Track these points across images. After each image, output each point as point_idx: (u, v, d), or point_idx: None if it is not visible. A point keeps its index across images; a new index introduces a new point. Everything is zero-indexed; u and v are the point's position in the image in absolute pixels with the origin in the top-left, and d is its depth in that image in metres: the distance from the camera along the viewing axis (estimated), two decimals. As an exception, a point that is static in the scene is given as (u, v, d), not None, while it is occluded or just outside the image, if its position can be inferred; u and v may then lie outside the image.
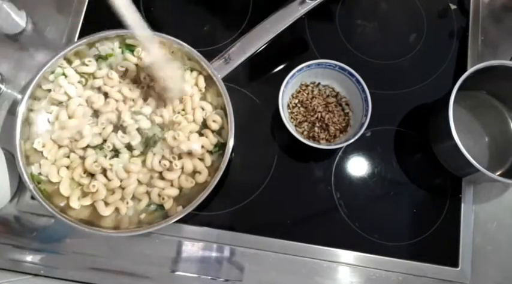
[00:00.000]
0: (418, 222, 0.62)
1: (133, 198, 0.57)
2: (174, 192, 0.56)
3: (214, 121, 0.58)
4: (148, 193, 0.56)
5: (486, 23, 0.72)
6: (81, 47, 0.58)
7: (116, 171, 0.56)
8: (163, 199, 0.56)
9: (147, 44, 0.54)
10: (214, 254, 0.59)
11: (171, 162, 0.56)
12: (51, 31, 0.68)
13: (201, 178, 0.56)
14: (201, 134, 0.58)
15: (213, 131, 0.59)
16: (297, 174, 0.63)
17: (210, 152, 0.58)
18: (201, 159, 0.57)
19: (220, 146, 0.58)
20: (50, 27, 0.68)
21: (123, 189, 0.56)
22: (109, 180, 0.56)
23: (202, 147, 0.57)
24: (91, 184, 0.54)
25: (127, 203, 0.55)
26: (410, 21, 0.72)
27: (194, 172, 0.57)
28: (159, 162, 0.56)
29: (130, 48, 0.61)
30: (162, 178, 0.57)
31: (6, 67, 0.65)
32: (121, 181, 0.56)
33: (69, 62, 0.59)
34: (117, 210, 0.56)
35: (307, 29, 0.70)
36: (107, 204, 0.55)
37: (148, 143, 0.58)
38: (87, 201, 0.55)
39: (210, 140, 0.58)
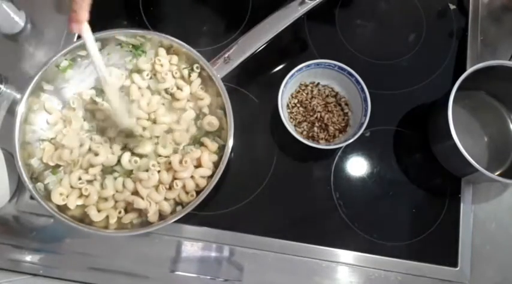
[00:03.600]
0: (417, 222, 0.62)
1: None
2: (168, 208, 0.55)
3: (209, 123, 0.58)
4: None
5: (485, 23, 0.72)
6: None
7: (113, 181, 0.56)
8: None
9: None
10: (213, 254, 0.59)
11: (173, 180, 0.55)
12: (51, 31, 0.68)
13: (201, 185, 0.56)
14: (201, 143, 0.58)
15: (209, 132, 0.59)
16: (296, 174, 0.63)
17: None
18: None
19: (221, 148, 0.58)
20: (49, 27, 0.68)
21: (116, 201, 0.56)
22: (103, 188, 0.55)
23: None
24: (84, 187, 0.54)
25: (119, 213, 0.55)
26: (409, 21, 0.73)
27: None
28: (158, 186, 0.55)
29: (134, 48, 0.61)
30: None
31: (6, 67, 0.65)
32: (116, 192, 0.55)
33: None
34: (107, 217, 0.55)
35: (306, 29, 0.70)
36: (98, 210, 0.55)
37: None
38: (80, 202, 0.55)
39: (210, 148, 0.57)
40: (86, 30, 0.49)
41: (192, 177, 0.55)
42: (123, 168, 0.57)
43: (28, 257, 0.59)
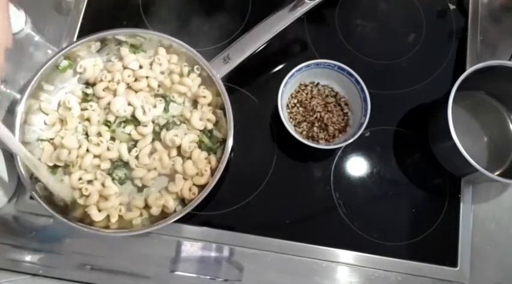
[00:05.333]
0: (417, 222, 0.62)
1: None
2: (172, 205, 0.55)
3: (208, 120, 0.58)
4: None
5: (485, 23, 0.72)
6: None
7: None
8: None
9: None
10: (213, 254, 0.59)
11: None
12: (50, 31, 0.68)
13: (203, 180, 0.56)
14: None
15: (210, 131, 0.59)
16: (296, 173, 0.63)
17: (214, 152, 0.58)
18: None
19: (222, 142, 0.58)
20: (48, 26, 0.68)
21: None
22: (104, 186, 0.56)
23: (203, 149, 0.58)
24: (84, 187, 0.55)
25: (120, 210, 0.55)
26: (409, 21, 0.72)
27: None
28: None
29: (133, 47, 0.61)
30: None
31: (5, 66, 0.65)
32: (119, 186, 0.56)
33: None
34: (108, 217, 0.55)
35: (306, 29, 0.70)
36: (99, 209, 0.55)
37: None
38: (81, 202, 0.55)
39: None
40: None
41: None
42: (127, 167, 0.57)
43: (28, 257, 0.59)
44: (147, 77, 0.59)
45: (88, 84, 0.61)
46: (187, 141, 0.57)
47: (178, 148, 0.58)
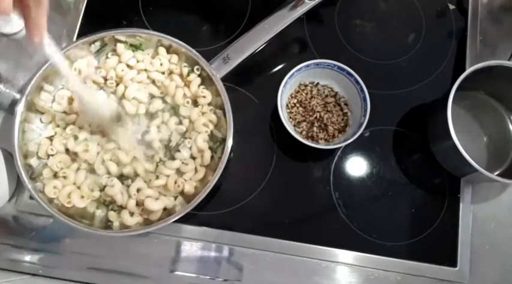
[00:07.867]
0: (416, 222, 0.62)
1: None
2: (171, 202, 0.56)
3: (210, 120, 0.58)
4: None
5: (485, 23, 0.72)
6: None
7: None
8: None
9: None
10: (213, 254, 0.59)
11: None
12: (50, 30, 0.67)
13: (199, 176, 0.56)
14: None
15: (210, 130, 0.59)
16: (295, 173, 0.63)
17: (214, 152, 0.58)
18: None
19: (221, 142, 0.58)
20: (48, 26, 0.68)
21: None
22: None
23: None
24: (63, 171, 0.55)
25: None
26: (408, 21, 0.73)
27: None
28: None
29: (133, 48, 0.61)
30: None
31: (5, 66, 0.65)
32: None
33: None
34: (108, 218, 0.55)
35: (306, 29, 0.70)
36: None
37: None
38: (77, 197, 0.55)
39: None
40: (47, 43, 0.42)
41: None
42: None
43: (27, 257, 0.59)
44: (145, 70, 0.59)
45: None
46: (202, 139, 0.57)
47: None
